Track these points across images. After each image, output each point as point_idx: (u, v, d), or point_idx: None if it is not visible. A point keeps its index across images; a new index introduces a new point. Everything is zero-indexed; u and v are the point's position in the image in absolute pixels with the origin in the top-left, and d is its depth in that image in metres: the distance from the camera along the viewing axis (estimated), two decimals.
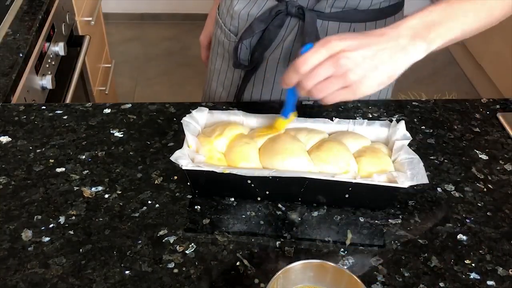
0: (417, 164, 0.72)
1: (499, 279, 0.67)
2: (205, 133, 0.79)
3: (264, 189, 0.75)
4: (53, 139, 0.86)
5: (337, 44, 0.63)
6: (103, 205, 0.75)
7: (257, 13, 0.94)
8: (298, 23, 0.92)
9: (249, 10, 0.95)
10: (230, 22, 1.00)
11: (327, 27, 0.91)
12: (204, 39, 1.19)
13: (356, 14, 0.90)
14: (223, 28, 1.02)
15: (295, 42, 0.94)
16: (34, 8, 1.26)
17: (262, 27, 0.93)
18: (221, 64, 1.07)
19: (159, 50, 3.07)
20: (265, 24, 0.93)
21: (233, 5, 0.98)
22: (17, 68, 1.06)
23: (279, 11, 0.91)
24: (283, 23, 0.93)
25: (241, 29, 0.97)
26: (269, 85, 1.00)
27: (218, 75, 1.08)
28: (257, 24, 0.93)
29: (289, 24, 0.93)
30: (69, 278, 0.65)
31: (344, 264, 0.68)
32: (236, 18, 0.98)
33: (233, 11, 0.98)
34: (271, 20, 0.92)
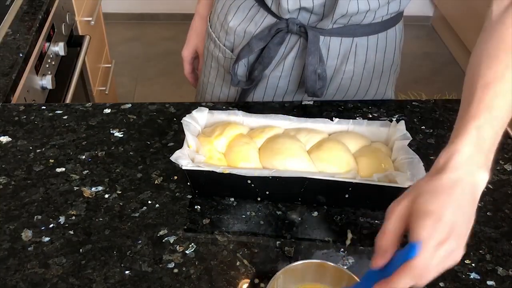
0: (417, 164, 0.72)
1: (499, 279, 0.67)
2: (205, 133, 0.79)
3: (264, 189, 0.75)
4: (53, 139, 0.86)
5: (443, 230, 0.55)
6: (103, 205, 0.75)
7: (255, 31, 0.91)
8: (299, 40, 0.89)
9: (246, 27, 0.92)
10: (225, 37, 0.96)
11: (329, 43, 0.89)
12: (187, 54, 1.13)
13: (358, 28, 0.88)
14: (217, 43, 0.99)
15: (297, 59, 0.91)
16: (34, 8, 1.26)
17: (261, 45, 0.90)
18: (215, 78, 1.03)
19: (159, 50, 3.07)
20: (264, 42, 0.89)
21: (228, 20, 0.94)
22: (17, 68, 1.06)
23: (279, 29, 0.88)
24: (284, 41, 0.90)
25: (237, 45, 0.94)
26: (269, 99, 0.98)
27: (212, 88, 1.05)
28: (256, 42, 0.90)
29: (289, 41, 0.90)
30: (69, 278, 0.65)
31: (344, 264, 0.68)
32: (232, 34, 0.94)
33: (228, 26, 0.94)
34: (270, 38, 0.89)
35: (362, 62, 0.93)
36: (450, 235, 0.55)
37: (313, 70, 0.88)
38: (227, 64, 0.98)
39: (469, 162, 0.58)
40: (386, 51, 0.95)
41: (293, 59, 0.92)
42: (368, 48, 0.92)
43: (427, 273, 0.55)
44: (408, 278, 0.55)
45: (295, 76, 0.94)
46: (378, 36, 0.92)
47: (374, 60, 0.94)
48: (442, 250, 0.55)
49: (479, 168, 0.58)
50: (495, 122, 0.60)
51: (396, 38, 0.95)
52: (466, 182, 0.58)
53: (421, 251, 0.54)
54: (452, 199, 0.56)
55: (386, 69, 0.97)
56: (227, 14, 0.94)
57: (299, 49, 0.90)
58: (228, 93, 1.02)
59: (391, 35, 0.94)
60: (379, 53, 0.94)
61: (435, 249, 0.54)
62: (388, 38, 0.94)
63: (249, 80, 0.95)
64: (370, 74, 0.96)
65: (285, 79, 0.95)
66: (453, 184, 0.57)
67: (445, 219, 0.55)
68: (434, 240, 0.54)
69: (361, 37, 0.90)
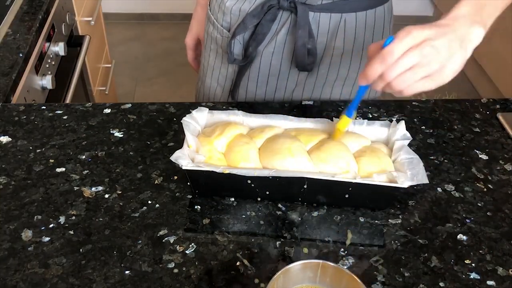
0: (417, 164, 0.72)
1: (499, 279, 0.67)
2: (205, 133, 0.79)
3: (264, 189, 0.75)
4: (53, 139, 0.86)
5: (420, 33, 0.64)
6: (103, 205, 0.75)
7: (249, 8, 0.95)
8: (290, 16, 0.93)
9: (241, 6, 0.96)
10: (222, 18, 1.01)
11: (318, 19, 0.93)
12: (190, 41, 1.20)
13: (347, 4, 0.92)
14: (216, 24, 1.03)
15: (288, 35, 0.95)
16: (34, 8, 1.26)
17: (255, 22, 0.95)
18: (214, 60, 1.08)
19: (159, 50, 3.07)
20: (257, 19, 0.94)
21: (225, 1, 0.99)
22: (17, 68, 1.06)
23: (271, 6, 0.92)
24: (276, 17, 0.94)
25: (234, 24, 0.99)
26: (264, 77, 1.01)
27: (212, 71, 1.09)
28: (250, 19, 0.95)
29: (281, 18, 0.94)
30: (69, 278, 0.65)
31: (344, 264, 0.68)
32: (228, 14, 0.99)
33: (225, 7, 0.99)
34: (263, 14, 0.94)
35: (352, 39, 0.96)
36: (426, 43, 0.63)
37: (303, 44, 0.92)
38: (224, 43, 1.02)
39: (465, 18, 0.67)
40: (375, 29, 0.97)
41: (285, 35, 0.95)
42: (356, 25, 0.95)
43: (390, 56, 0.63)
44: (377, 60, 0.65)
45: (287, 52, 0.97)
46: (366, 13, 0.94)
47: (363, 38, 0.97)
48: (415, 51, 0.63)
49: (475, 23, 0.66)
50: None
51: (385, 16, 0.98)
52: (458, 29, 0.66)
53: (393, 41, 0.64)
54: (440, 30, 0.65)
55: None
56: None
57: (290, 25, 0.94)
58: (227, 73, 1.06)
59: (379, 13, 0.97)
60: (368, 31, 0.96)
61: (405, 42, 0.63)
62: (377, 16, 0.96)
63: (244, 57, 0.99)
64: (360, 52, 0.98)
65: (278, 55, 0.98)
66: (446, 25, 0.66)
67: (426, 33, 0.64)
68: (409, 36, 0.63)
69: (349, 13, 0.93)
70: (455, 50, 0.66)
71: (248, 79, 1.02)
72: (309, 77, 1.00)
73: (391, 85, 0.67)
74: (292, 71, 1.00)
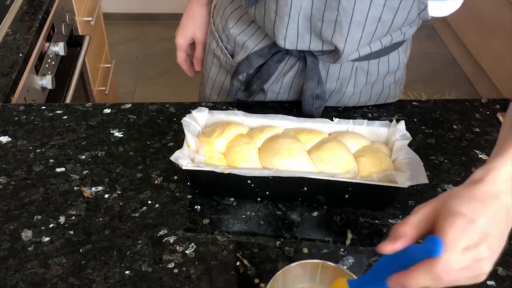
0: (417, 164, 0.72)
1: (499, 279, 0.67)
2: (205, 133, 0.79)
3: (264, 189, 0.75)
4: (53, 139, 0.86)
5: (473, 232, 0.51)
6: (103, 205, 0.75)
7: (254, 46, 0.90)
8: (299, 61, 0.89)
9: (246, 40, 0.91)
10: (227, 42, 0.95)
11: (328, 66, 0.89)
12: (182, 41, 1.06)
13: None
14: (220, 45, 0.97)
15: (296, 77, 0.91)
16: (34, 8, 1.26)
17: (261, 62, 0.90)
18: (216, 74, 1.02)
19: (159, 50, 3.07)
20: (263, 59, 0.89)
21: (229, 27, 0.93)
22: (17, 68, 1.06)
23: (279, 50, 0.88)
24: (283, 59, 0.89)
25: (237, 52, 0.93)
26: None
27: (213, 83, 1.04)
28: (256, 58, 0.90)
29: (288, 60, 0.90)
30: (69, 278, 0.65)
31: (344, 264, 0.68)
32: (232, 41, 0.93)
33: (229, 33, 0.93)
34: (270, 56, 0.89)
35: (363, 84, 0.92)
36: (481, 243, 0.51)
37: (311, 95, 0.88)
38: (228, 66, 0.98)
39: (508, 182, 0.54)
40: (388, 72, 0.93)
41: (292, 78, 0.91)
42: (369, 71, 0.90)
43: (448, 275, 0.50)
44: (427, 276, 0.50)
45: (293, 93, 0.94)
46: (379, 60, 0.90)
47: (375, 81, 0.93)
48: (469, 255, 0.50)
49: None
50: None
51: (399, 60, 0.93)
52: (503, 199, 0.53)
53: (446, 250, 0.49)
54: (487, 209, 0.52)
55: (386, 88, 0.96)
56: (228, 20, 0.94)
57: (298, 70, 0.90)
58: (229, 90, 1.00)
59: (393, 58, 0.91)
60: (380, 75, 0.92)
61: (462, 252, 0.50)
62: (391, 61, 0.91)
63: (247, 92, 0.95)
64: (369, 91, 0.94)
65: (284, 95, 0.95)
66: (490, 196, 0.53)
67: (478, 225, 0.51)
68: (464, 241, 0.50)
69: (361, 61, 0.88)
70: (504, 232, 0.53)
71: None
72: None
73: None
74: None
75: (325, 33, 0.80)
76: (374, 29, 0.79)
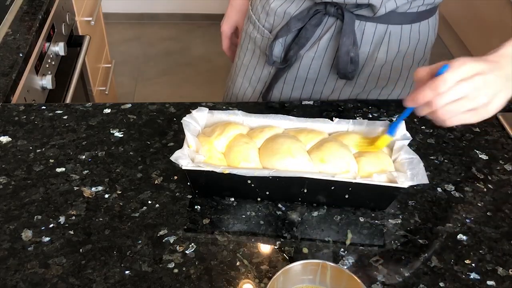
0: (417, 164, 0.72)
1: (499, 279, 0.67)
2: (205, 133, 0.79)
3: (264, 189, 0.75)
4: (53, 139, 0.86)
5: (474, 66, 0.65)
6: (103, 205, 0.75)
7: (295, 11, 0.94)
8: (335, 22, 0.92)
9: (287, 8, 0.95)
10: (265, 19, 0.99)
11: (364, 28, 0.91)
12: (227, 29, 1.16)
13: (394, 16, 0.90)
14: (257, 25, 1.02)
15: (331, 40, 0.93)
16: (34, 8, 1.26)
17: (300, 25, 0.93)
18: (250, 60, 1.06)
19: (159, 50, 3.07)
20: (302, 23, 0.93)
21: (270, 2, 0.97)
22: (17, 68, 1.06)
23: (318, 11, 0.91)
24: (321, 22, 0.92)
25: (276, 26, 0.97)
26: (301, 82, 1.00)
27: (245, 70, 1.08)
28: (294, 22, 0.93)
29: (326, 23, 0.93)
30: (69, 278, 0.65)
31: (344, 264, 0.68)
32: (272, 15, 0.98)
33: (270, 8, 0.98)
34: (308, 19, 0.92)
35: (395, 52, 0.95)
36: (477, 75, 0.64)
37: (346, 51, 0.91)
38: (264, 44, 1.01)
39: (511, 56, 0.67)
40: (418, 43, 0.96)
41: (328, 40, 0.94)
42: (401, 38, 0.93)
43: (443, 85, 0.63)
44: (428, 88, 0.64)
45: (328, 58, 0.96)
46: (411, 27, 0.93)
47: (406, 51, 0.96)
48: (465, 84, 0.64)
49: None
50: None
51: (429, 31, 0.97)
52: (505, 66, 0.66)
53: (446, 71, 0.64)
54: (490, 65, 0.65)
55: (416, 63, 0.99)
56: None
57: (334, 31, 0.93)
58: (261, 74, 1.05)
59: (424, 27, 0.95)
60: (411, 44, 0.95)
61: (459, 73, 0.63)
62: (421, 30, 0.95)
63: (284, 60, 0.98)
64: (400, 65, 0.97)
65: (318, 60, 0.96)
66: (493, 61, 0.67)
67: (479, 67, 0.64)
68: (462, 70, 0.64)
69: (395, 25, 0.91)
70: (501, 87, 0.67)
71: (284, 81, 1.00)
72: (346, 85, 0.99)
73: (436, 113, 0.67)
74: (330, 77, 0.98)
75: None
76: None
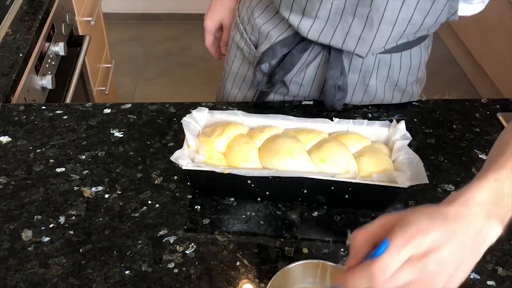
0: (417, 164, 0.72)
1: (499, 279, 0.67)
2: (205, 133, 0.79)
3: (264, 189, 0.75)
4: (53, 139, 0.86)
5: (423, 240, 0.49)
6: (103, 205, 0.75)
7: (279, 36, 0.90)
8: (322, 51, 0.89)
9: (270, 30, 0.91)
10: (251, 32, 0.96)
11: (351, 57, 0.89)
12: (211, 24, 1.08)
13: None
14: (244, 36, 0.98)
15: (319, 69, 0.91)
16: (34, 8, 1.26)
17: (285, 51, 0.90)
18: (238, 67, 1.03)
19: (159, 50, 3.07)
20: (287, 49, 0.90)
21: (255, 16, 0.94)
22: (17, 68, 1.06)
23: (303, 39, 0.88)
24: (307, 49, 0.89)
25: (261, 43, 0.94)
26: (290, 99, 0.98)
27: (234, 77, 1.05)
28: (280, 48, 0.90)
29: (312, 50, 0.90)
30: (69, 278, 0.65)
31: (344, 264, 0.68)
32: (257, 31, 0.94)
33: (254, 22, 0.94)
34: (294, 45, 0.89)
35: (385, 77, 0.92)
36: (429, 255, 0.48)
37: (333, 84, 0.88)
38: (251, 57, 0.98)
39: (482, 207, 0.51)
40: (410, 68, 0.93)
41: (316, 68, 0.91)
42: (391, 65, 0.91)
43: (383, 275, 0.48)
44: (363, 275, 0.49)
45: (316, 87, 0.94)
46: (401, 54, 0.90)
47: (398, 77, 0.93)
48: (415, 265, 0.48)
49: (492, 216, 0.51)
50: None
51: (421, 56, 0.93)
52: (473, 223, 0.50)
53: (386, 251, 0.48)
54: (447, 226, 0.49)
55: (409, 84, 0.96)
56: (255, 10, 0.94)
57: (321, 60, 0.90)
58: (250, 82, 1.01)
59: (415, 53, 0.92)
60: (403, 70, 0.92)
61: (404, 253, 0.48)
62: (413, 56, 0.92)
63: (269, 83, 0.95)
64: (393, 88, 0.94)
65: (306, 87, 0.94)
66: (457, 216, 0.50)
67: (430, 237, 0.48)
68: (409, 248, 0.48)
69: (383, 54, 0.89)
70: (465, 256, 0.50)
71: (273, 97, 0.98)
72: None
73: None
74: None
75: (355, 29, 0.80)
76: (404, 29, 0.80)
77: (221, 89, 1.10)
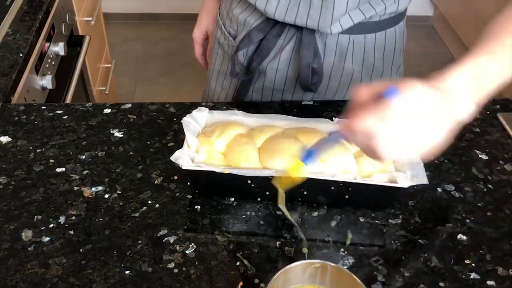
0: (417, 164, 0.72)
1: (499, 279, 0.67)
2: (205, 133, 0.79)
3: (264, 189, 0.74)
4: (53, 139, 0.86)
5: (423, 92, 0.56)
6: (103, 205, 0.75)
7: (255, 21, 0.93)
8: (296, 34, 0.91)
9: (247, 17, 0.93)
10: (230, 25, 0.98)
11: (325, 39, 0.90)
12: (198, 35, 1.13)
13: (354, 27, 0.88)
14: (223, 30, 1.01)
15: (294, 52, 0.92)
16: (34, 8, 1.26)
17: (261, 36, 0.92)
18: (220, 65, 1.05)
19: (159, 50, 3.07)
20: (263, 34, 0.92)
21: (232, 7, 0.96)
22: (17, 68, 1.06)
23: (277, 22, 0.89)
24: (282, 32, 0.91)
25: (239, 33, 0.96)
26: (269, 92, 0.99)
27: (217, 75, 1.06)
28: (255, 33, 0.92)
29: (287, 34, 0.91)
30: (69, 278, 0.65)
31: (344, 264, 0.68)
32: (235, 22, 0.96)
33: (232, 14, 0.96)
34: (269, 29, 0.91)
35: (360, 60, 0.93)
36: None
37: (307, 64, 0.90)
38: (230, 51, 0.99)
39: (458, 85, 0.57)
40: (385, 51, 0.94)
41: (290, 51, 0.92)
42: (365, 47, 0.92)
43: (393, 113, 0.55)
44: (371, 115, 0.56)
45: (292, 70, 0.95)
46: (375, 35, 0.91)
47: (373, 60, 0.94)
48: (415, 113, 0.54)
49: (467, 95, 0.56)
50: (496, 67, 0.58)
51: (396, 38, 0.95)
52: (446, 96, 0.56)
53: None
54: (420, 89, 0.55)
55: (387, 69, 0.97)
56: (233, 1, 0.96)
57: (295, 43, 0.91)
58: (231, 80, 1.03)
59: (390, 35, 0.93)
60: (377, 52, 0.94)
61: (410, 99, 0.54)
62: (387, 38, 0.93)
63: (247, 72, 0.96)
64: (370, 73, 0.96)
65: (282, 72, 0.95)
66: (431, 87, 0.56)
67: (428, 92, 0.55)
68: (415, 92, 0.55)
69: (357, 34, 0.90)
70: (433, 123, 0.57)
71: (252, 90, 1.00)
72: (315, 96, 0.97)
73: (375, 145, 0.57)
74: (298, 88, 0.97)
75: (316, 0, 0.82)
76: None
77: (206, 90, 1.12)
